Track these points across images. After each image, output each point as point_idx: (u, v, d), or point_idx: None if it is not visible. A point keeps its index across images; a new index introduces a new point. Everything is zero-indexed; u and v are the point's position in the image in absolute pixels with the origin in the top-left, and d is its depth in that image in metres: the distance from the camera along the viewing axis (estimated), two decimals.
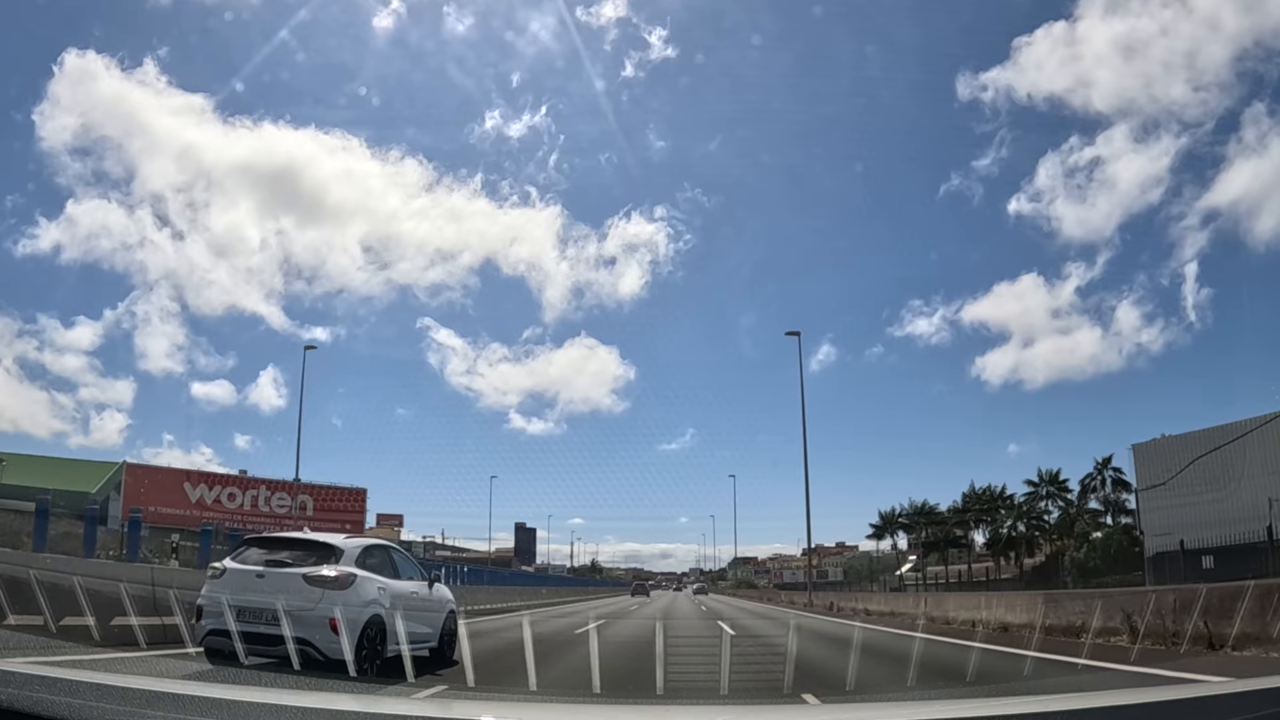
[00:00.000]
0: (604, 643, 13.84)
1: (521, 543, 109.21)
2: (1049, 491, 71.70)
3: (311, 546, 8.98)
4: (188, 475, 55.80)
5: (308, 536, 9.58)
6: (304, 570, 8.43)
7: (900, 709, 4.58)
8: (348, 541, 9.37)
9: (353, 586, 8.50)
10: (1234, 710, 2.22)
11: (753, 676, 9.91)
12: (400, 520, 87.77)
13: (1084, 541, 60.07)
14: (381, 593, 8.98)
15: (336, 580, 8.38)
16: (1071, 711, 2.28)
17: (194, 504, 52.82)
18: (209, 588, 8.48)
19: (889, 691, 8.43)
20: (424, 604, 10.18)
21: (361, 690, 6.84)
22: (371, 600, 8.71)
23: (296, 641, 7.66)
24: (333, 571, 8.46)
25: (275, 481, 57.61)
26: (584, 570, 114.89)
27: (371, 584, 8.89)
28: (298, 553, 8.84)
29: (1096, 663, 10.08)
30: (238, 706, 2.21)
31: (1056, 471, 71.36)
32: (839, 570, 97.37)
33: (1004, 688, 8.87)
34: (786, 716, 4.42)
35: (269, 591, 8.15)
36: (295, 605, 7.98)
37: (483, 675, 9.19)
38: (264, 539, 9.63)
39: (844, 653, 12.55)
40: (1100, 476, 66.39)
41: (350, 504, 63.18)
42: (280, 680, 7.07)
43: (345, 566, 8.65)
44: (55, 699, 2.11)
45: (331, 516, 61.05)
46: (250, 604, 8.09)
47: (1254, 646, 10.07)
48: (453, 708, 4.32)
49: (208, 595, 8.36)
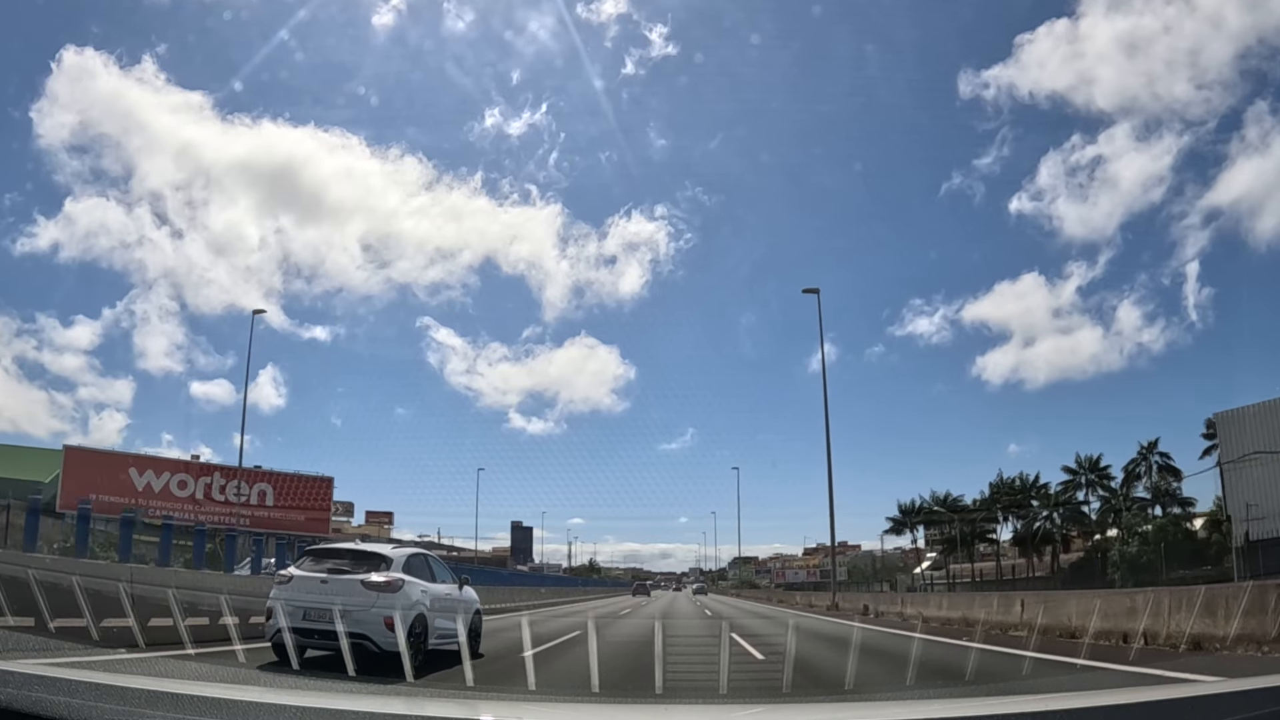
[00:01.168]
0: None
1: (518, 542, 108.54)
2: (1089, 480, 64.46)
3: (364, 555, 10.38)
4: (134, 460, 51.31)
5: (361, 547, 11.21)
6: (361, 576, 9.67)
7: (901, 708, 4.57)
8: (395, 551, 10.77)
9: (401, 590, 9.70)
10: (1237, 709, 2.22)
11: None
12: (390, 518, 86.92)
13: (1133, 534, 53.88)
14: (424, 595, 10.22)
15: (389, 585, 9.61)
16: (1073, 711, 2.28)
17: (140, 492, 49.04)
18: (277, 592, 9.74)
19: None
20: (456, 604, 11.39)
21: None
22: (416, 601, 9.91)
23: (357, 637, 8.84)
24: (385, 577, 9.70)
25: (231, 468, 52.61)
26: (581, 570, 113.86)
27: (416, 587, 10.13)
28: (353, 560, 10.17)
29: None
30: (237, 706, 2.21)
31: (1097, 458, 63.99)
32: (843, 570, 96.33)
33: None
34: (786, 716, 4.42)
35: (332, 594, 9.33)
36: (355, 606, 9.21)
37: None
38: (322, 550, 11.05)
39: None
40: (1145, 462, 60.13)
41: (315, 494, 59.10)
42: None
43: (394, 572, 9.90)
44: (54, 699, 2.11)
45: (294, 506, 57.19)
46: (315, 605, 9.26)
47: None
48: (452, 707, 4.32)
49: (276, 597, 9.58)
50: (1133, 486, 61.50)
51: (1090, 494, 64.97)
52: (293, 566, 10.51)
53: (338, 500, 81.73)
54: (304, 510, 57.93)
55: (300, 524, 55.51)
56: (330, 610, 9.02)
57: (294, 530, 50.87)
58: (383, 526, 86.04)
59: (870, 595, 36.03)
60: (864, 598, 32.71)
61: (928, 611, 21.27)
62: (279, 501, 56.49)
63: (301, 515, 57.75)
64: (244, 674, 7.44)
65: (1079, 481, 65.25)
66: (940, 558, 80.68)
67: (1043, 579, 61.32)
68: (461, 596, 11.86)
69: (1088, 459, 64.41)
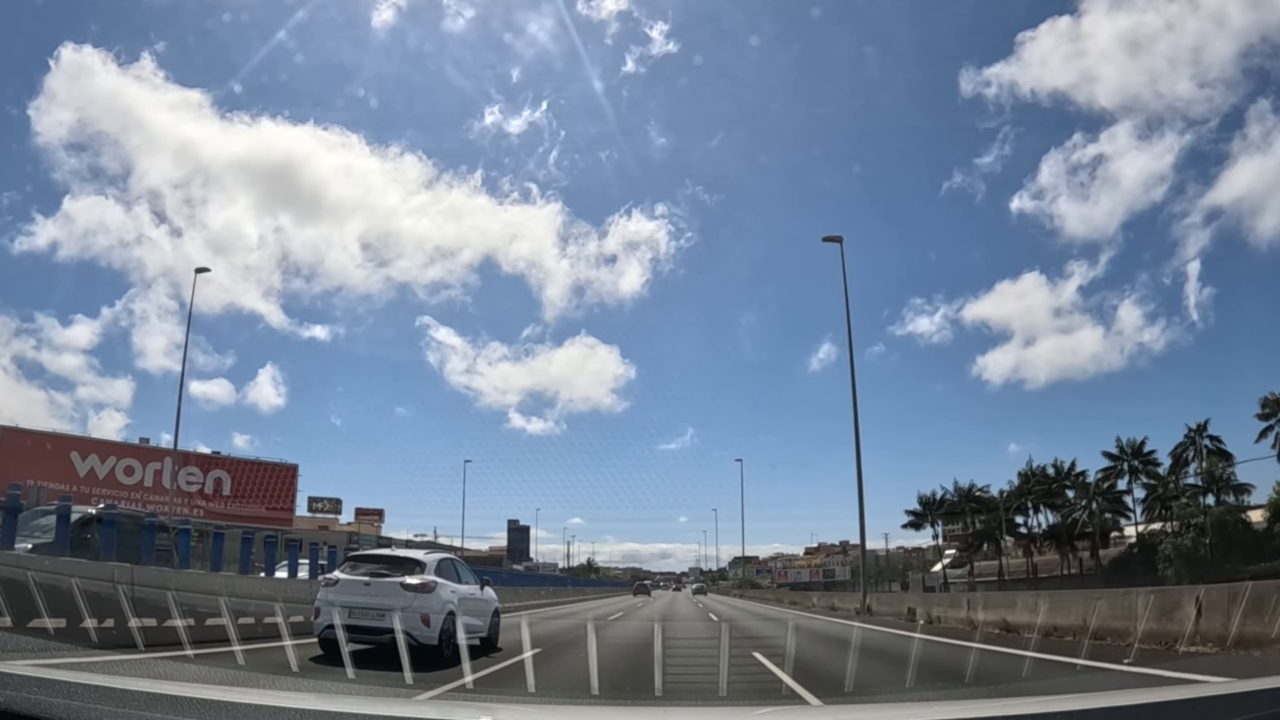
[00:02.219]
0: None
1: (514, 541, 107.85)
2: (1131, 467, 58.15)
3: (401, 560, 11.50)
4: (75, 443, 47.73)
5: (397, 553, 12.54)
6: (400, 579, 10.76)
7: (902, 709, 4.56)
8: (428, 556, 12.08)
9: (435, 591, 10.91)
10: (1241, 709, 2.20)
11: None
12: (380, 515, 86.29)
13: (1187, 525, 49.99)
14: (453, 595, 11.40)
15: (424, 586, 10.80)
16: (1074, 712, 2.27)
17: (83, 478, 45.40)
18: (324, 593, 10.83)
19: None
20: (478, 603, 12.68)
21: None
22: (447, 601, 11.11)
23: (396, 631, 9.84)
24: (421, 579, 10.87)
25: (185, 453, 48.62)
26: (579, 570, 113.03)
27: (446, 588, 11.34)
28: (391, 565, 11.29)
29: None
30: (236, 708, 2.20)
31: (1140, 442, 57.74)
32: (846, 569, 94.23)
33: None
34: (786, 717, 4.42)
35: (375, 595, 10.52)
36: (395, 605, 10.26)
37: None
38: (364, 555, 12.52)
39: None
40: (1194, 446, 54.39)
41: (277, 483, 54.66)
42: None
43: (428, 575, 11.09)
44: (53, 701, 2.11)
45: (253, 497, 52.50)
46: (360, 604, 10.41)
47: None
48: (451, 709, 4.32)
49: (324, 598, 10.66)
50: (1181, 473, 55.48)
51: (1134, 482, 58.65)
52: (337, 570, 11.74)
53: (326, 497, 79.70)
54: (265, 501, 53.45)
55: (261, 516, 50.46)
56: (373, 609, 10.33)
57: (254, 523, 43.66)
58: (373, 524, 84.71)
59: (918, 597, 30.91)
60: (906, 599, 27.74)
61: (1013, 617, 15.80)
62: (237, 491, 52.17)
63: (262, 506, 53.02)
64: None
65: (1120, 469, 59.00)
66: (960, 554, 76.31)
67: (1077, 577, 56.72)
68: (483, 596, 13.08)
69: (1130, 443, 58.05)
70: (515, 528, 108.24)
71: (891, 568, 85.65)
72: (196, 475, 49.62)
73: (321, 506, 79.90)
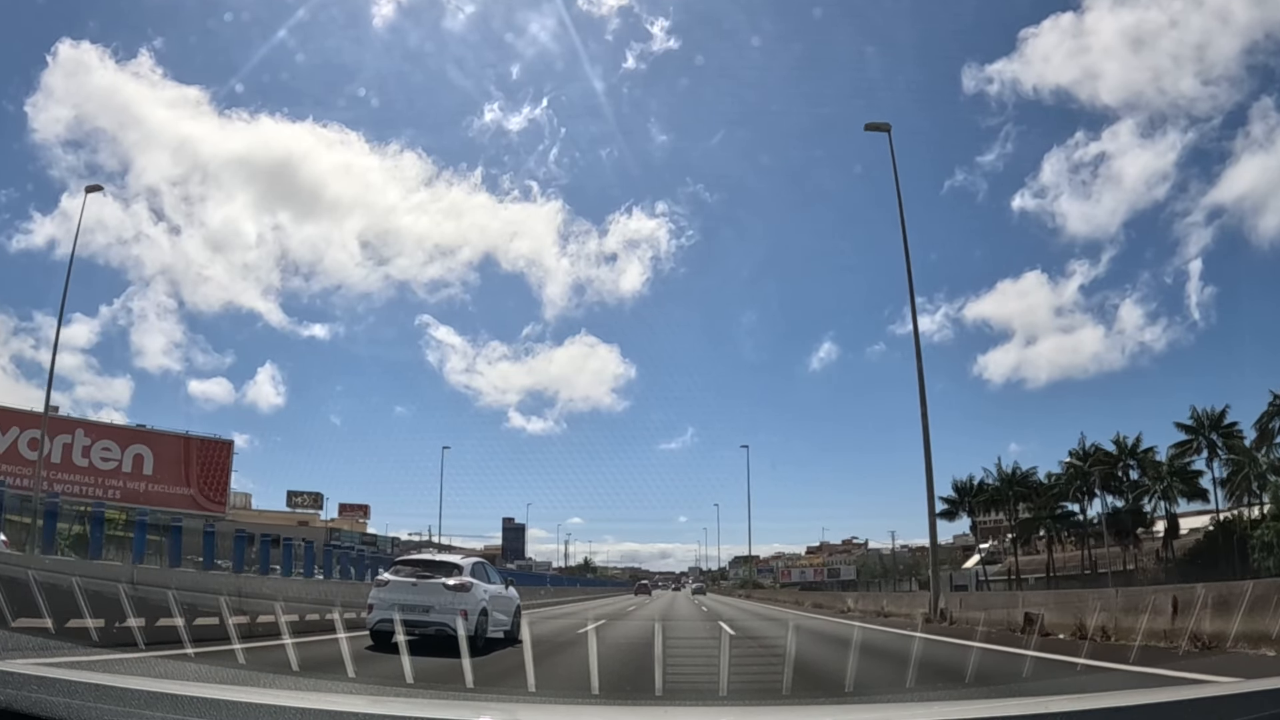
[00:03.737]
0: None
1: (509, 540, 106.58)
2: (1209, 441, 48.79)
3: (442, 564, 13.36)
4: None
5: (438, 558, 14.61)
6: (442, 580, 12.44)
7: (902, 709, 4.56)
8: (464, 560, 14.04)
9: (471, 590, 12.55)
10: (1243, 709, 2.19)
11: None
12: (365, 511, 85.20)
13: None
14: (485, 593, 13.04)
15: (462, 586, 12.46)
16: (1075, 713, 2.26)
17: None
18: (376, 591, 12.59)
19: None
20: (505, 600, 14.35)
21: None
22: (481, 599, 12.74)
23: (440, 625, 11.70)
24: (459, 581, 12.54)
25: (101, 425, 43.26)
26: (575, 570, 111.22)
27: (480, 588, 12.98)
28: (433, 568, 12.99)
29: None
30: (236, 707, 2.19)
31: (1221, 412, 48.31)
32: (851, 569, 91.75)
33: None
34: (786, 717, 4.41)
35: (421, 594, 12.21)
36: (438, 603, 12.05)
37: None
38: (409, 560, 14.28)
39: None
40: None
41: (208, 462, 47.09)
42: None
43: (465, 577, 12.72)
44: (54, 699, 2.10)
45: (178, 478, 45.12)
46: (408, 602, 11.99)
47: None
48: (451, 708, 4.31)
49: (376, 596, 12.42)
50: (1270, 447, 46.76)
51: (1213, 459, 48.98)
52: (387, 573, 13.46)
53: (306, 491, 78.13)
54: (193, 483, 45.93)
55: (188, 500, 43.90)
56: (419, 606, 11.96)
57: (180, 508, 38.59)
58: (358, 520, 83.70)
59: (1054, 595, 18.74)
60: (1006, 600, 19.17)
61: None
62: (160, 471, 44.92)
63: (188, 489, 45.48)
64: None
65: (1197, 444, 49.23)
66: (995, 547, 69.34)
67: (1145, 571, 47.19)
68: (508, 594, 14.84)
69: (1207, 413, 48.53)
70: (510, 526, 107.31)
71: (897, 568, 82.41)
72: (113, 451, 42.16)
73: (301, 501, 78.63)
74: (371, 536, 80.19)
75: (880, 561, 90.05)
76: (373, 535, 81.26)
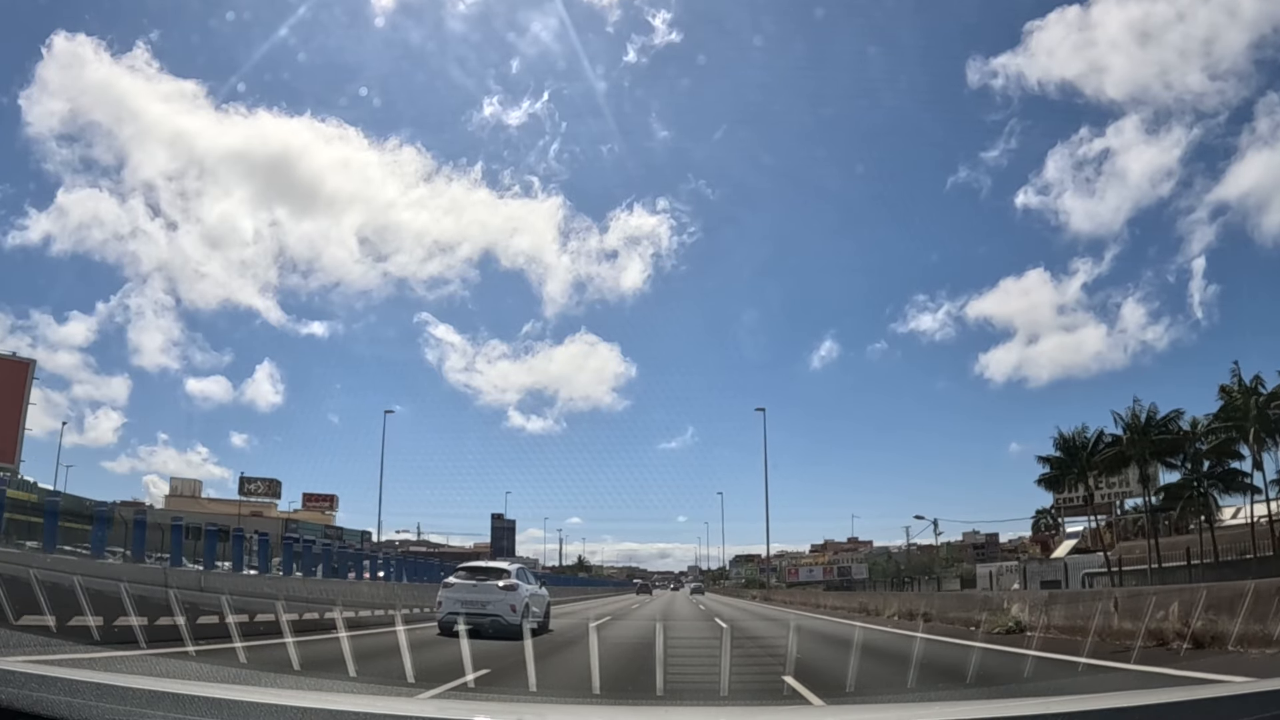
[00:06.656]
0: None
1: (498, 537, 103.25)
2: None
3: (493, 569, 16.97)
4: None
5: (490, 564, 18.53)
6: (495, 581, 15.90)
7: (902, 710, 4.56)
8: (510, 564, 18.23)
9: (517, 589, 15.87)
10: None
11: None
12: (332, 502, 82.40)
13: None
14: (526, 592, 16.24)
15: (511, 586, 15.85)
16: (1076, 713, 2.25)
17: None
18: (444, 591, 15.97)
19: None
20: (539, 598, 17.66)
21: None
22: (524, 596, 15.90)
23: (494, 617, 14.99)
24: (508, 582, 15.96)
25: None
26: (569, 569, 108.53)
27: (524, 587, 16.31)
28: (487, 572, 16.61)
29: None
30: (238, 706, 2.19)
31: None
32: (863, 567, 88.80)
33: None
34: (786, 717, 4.41)
35: (479, 593, 15.58)
36: (493, 599, 15.38)
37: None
38: (468, 566, 17.72)
39: None
40: None
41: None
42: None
43: (513, 579, 16.15)
44: (55, 698, 2.10)
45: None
46: (469, 599, 15.35)
47: None
48: (450, 708, 4.31)
49: (444, 595, 15.80)
50: None
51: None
52: (451, 577, 16.68)
53: (261, 478, 74.23)
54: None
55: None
56: (478, 602, 15.20)
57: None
58: (323, 511, 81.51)
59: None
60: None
61: None
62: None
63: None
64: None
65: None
66: (1087, 535, 53.36)
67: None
68: (542, 593, 18.20)
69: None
70: (500, 523, 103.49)
71: (913, 566, 77.72)
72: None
73: (255, 489, 74.70)
74: (337, 529, 76.77)
75: (887, 559, 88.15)
76: (338, 529, 77.80)
